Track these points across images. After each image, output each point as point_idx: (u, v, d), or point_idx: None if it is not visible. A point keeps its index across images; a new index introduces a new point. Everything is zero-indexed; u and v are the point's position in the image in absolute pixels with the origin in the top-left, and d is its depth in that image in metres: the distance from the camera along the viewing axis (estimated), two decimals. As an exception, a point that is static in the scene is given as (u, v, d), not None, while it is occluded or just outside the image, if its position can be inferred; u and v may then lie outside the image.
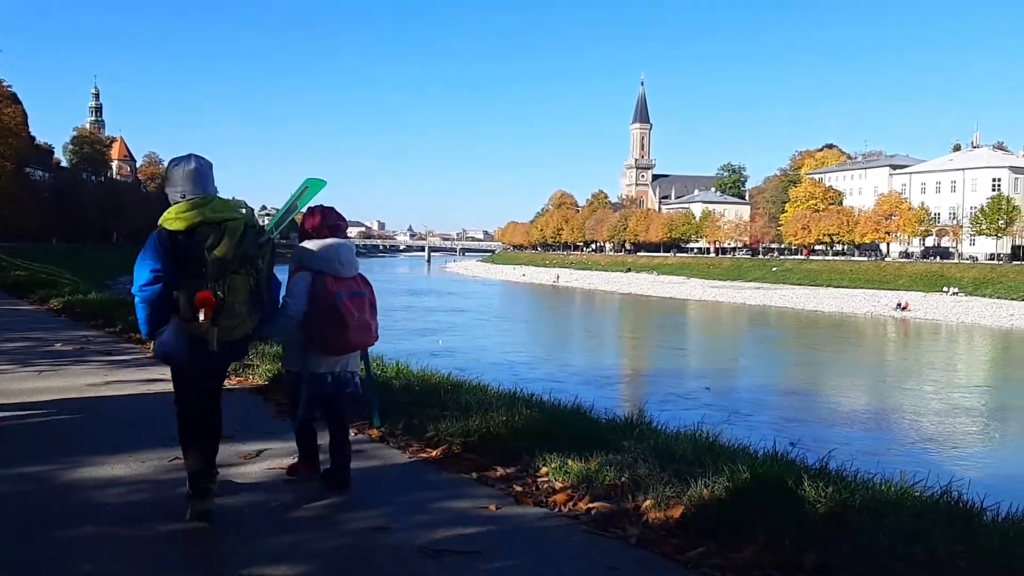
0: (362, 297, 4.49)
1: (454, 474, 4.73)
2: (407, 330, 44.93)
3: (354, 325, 4.35)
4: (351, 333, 4.35)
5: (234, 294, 3.84)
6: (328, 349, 4.40)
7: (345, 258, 4.51)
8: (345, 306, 4.33)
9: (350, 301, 4.38)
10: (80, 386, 7.45)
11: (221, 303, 3.79)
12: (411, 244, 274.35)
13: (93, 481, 4.52)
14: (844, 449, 15.43)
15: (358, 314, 4.40)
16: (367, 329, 4.47)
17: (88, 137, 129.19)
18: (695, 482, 4.00)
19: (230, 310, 3.84)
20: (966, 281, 72.70)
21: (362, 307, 4.46)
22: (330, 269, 4.41)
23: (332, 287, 4.35)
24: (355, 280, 4.53)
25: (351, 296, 4.41)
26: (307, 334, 4.37)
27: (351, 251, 4.61)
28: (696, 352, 42.13)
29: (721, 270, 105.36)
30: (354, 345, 4.48)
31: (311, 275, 4.38)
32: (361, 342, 4.51)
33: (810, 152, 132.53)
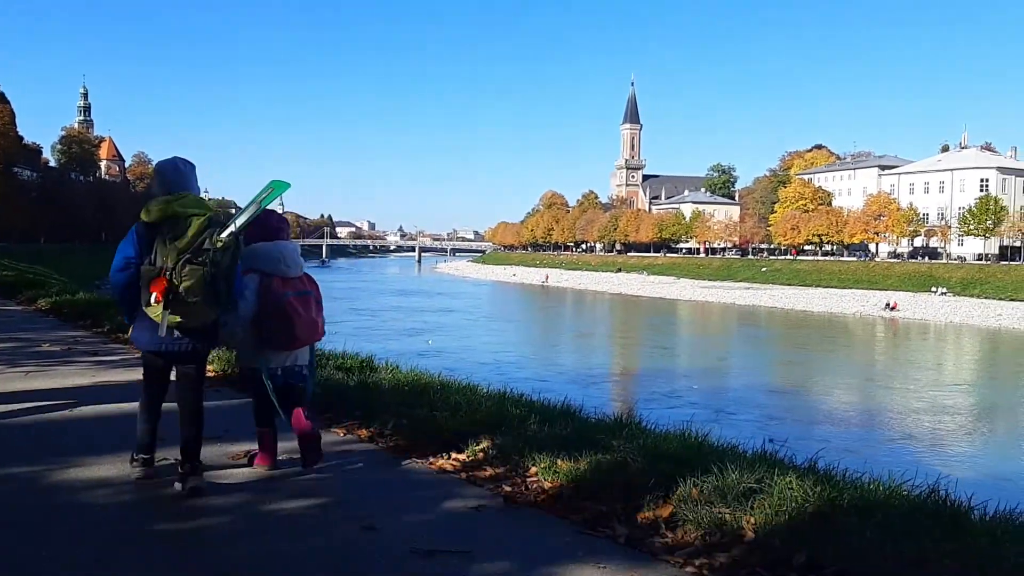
0: (308, 296, 4.81)
1: (443, 474, 4.72)
2: (396, 330, 44.94)
3: (301, 323, 4.68)
4: (298, 330, 4.68)
5: (188, 283, 4.11)
6: (278, 345, 4.73)
7: (291, 259, 4.80)
8: (292, 305, 4.65)
9: (297, 300, 4.69)
10: (68, 387, 7.40)
11: (174, 290, 4.10)
12: (402, 244, 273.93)
13: (81, 482, 4.48)
14: (833, 448, 15.51)
15: (304, 312, 4.71)
16: (314, 326, 4.80)
17: (77, 137, 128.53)
18: (684, 481, 4.00)
19: (182, 299, 4.13)
20: (954, 281, 73.08)
21: (308, 305, 4.77)
22: (276, 271, 4.72)
23: (280, 288, 4.66)
24: (301, 280, 4.83)
25: (298, 295, 4.72)
26: (258, 332, 4.67)
27: (296, 252, 4.90)
28: (685, 352, 42.23)
29: (711, 270, 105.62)
30: (302, 341, 4.80)
31: (259, 276, 4.66)
32: (308, 338, 4.83)
33: (799, 153, 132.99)
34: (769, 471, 4.08)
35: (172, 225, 4.18)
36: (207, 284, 4.16)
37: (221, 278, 4.22)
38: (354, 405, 6.07)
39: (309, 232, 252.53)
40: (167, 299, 4.10)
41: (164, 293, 4.09)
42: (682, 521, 3.67)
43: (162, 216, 4.21)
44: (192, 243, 4.15)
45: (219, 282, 4.21)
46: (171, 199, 4.27)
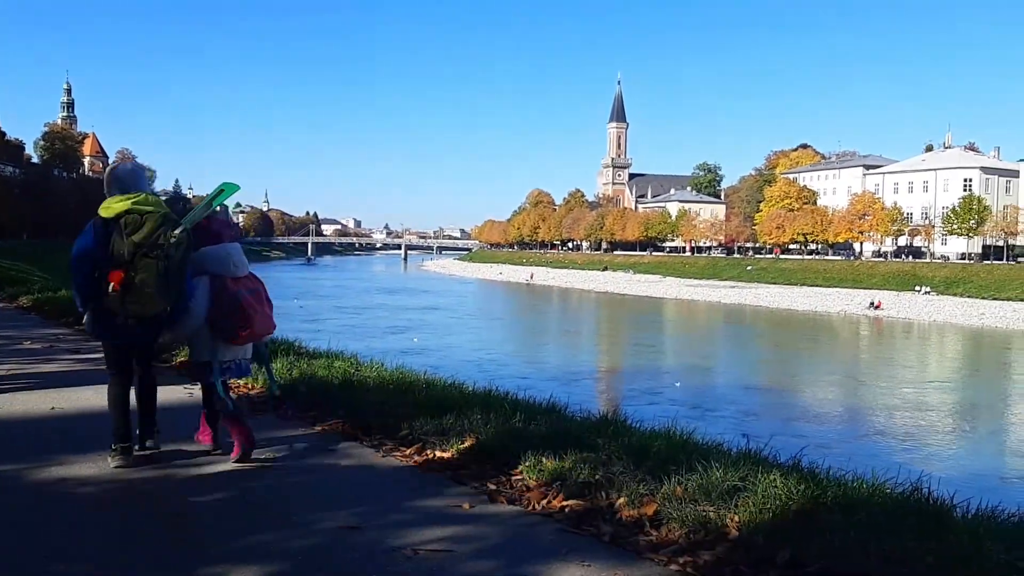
0: (259, 292, 5.14)
1: (427, 472, 4.71)
2: (381, 328, 44.86)
3: (257, 317, 5.00)
4: (256, 325, 5.00)
5: (144, 275, 4.54)
6: (236, 340, 5.01)
7: (237, 260, 5.08)
8: (248, 302, 4.96)
9: (251, 297, 5.01)
10: (49, 384, 7.34)
11: (130, 280, 4.52)
12: (388, 242, 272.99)
13: (63, 480, 4.46)
14: (816, 445, 15.59)
15: (259, 307, 5.05)
16: (268, 320, 5.14)
17: (60, 133, 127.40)
18: (668, 479, 4.01)
19: (139, 289, 4.55)
20: (938, 280, 73.58)
21: (260, 301, 5.09)
22: (226, 271, 4.99)
23: (233, 287, 4.95)
24: (249, 278, 5.13)
25: (250, 293, 5.03)
26: (215, 329, 4.92)
27: (240, 253, 5.17)
28: (671, 350, 42.32)
29: (697, 269, 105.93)
30: (258, 335, 5.12)
31: (209, 278, 4.93)
32: (264, 331, 5.16)
33: (785, 152, 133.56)
34: (753, 469, 4.08)
35: (130, 221, 4.58)
36: (160, 276, 4.58)
37: (173, 271, 4.64)
38: (338, 403, 6.05)
39: (294, 230, 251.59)
40: (123, 288, 4.50)
41: (121, 283, 4.49)
42: (667, 519, 3.67)
43: (121, 213, 4.58)
44: (148, 238, 4.55)
45: (171, 275, 4.63)
46: (130, 197, 4.66)
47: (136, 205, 4.63)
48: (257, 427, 5.72)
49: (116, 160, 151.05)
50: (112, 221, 4.60)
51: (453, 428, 5.22)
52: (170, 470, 4.70)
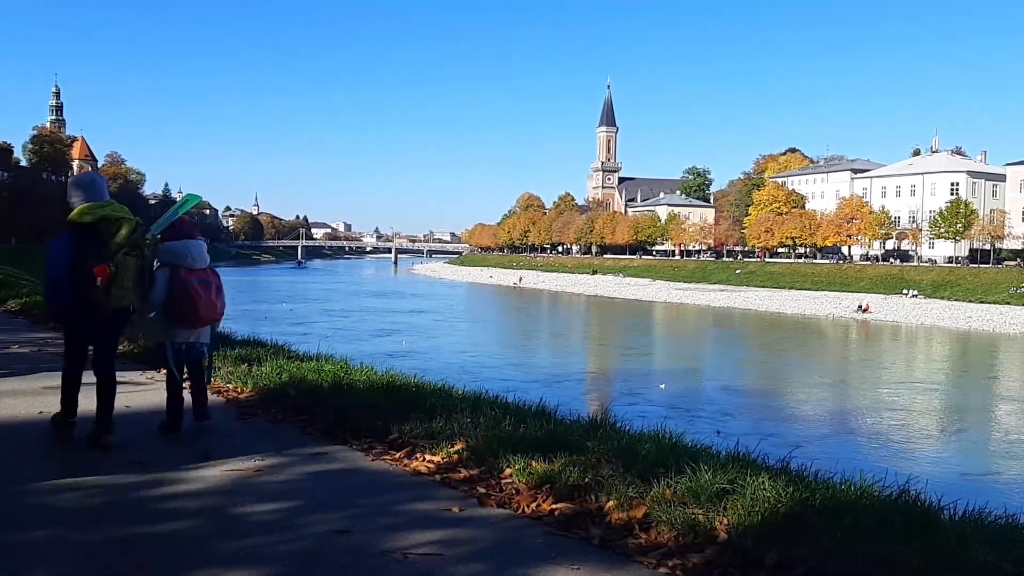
0: (210, 284, 5.78)
1: (417, 476, 4.70)
2: (371, 331, 44.80)
3: (202, 304, 5.65)
4: (200, 310, 5.65)
5: (124, 271, 5.18)
6: (184, 324, 5.67)
7: (195, 254, 5.75)
8: (195, 290, 5.61)
9: (200, 286, 5.66)
10: (36, 388, 7.29)
11: (114, 275, 5.11)
12: (378, 246, 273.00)
13: (48, 486, 4.42)
14: (804, 448, 15.64)
15: (206, 296, 5.68)
16: (213, 308, 5.78)
17: (48, 136, 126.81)
18: (657, 482, 4.02)
19: (120, 283, 5.16)
20: (925, 284, 73.92)
21: (209, 291, 5.73)
22: (184, 262, 5.68)
23: (185, 276, 5.62)
24: (205, 271, 5.81)
25: (200, 283, 5.68)
26: (168, 313, 5.61)
27: (201, 248, 5.86)
28: (660, 353, 42.40)
29: (686, 272, 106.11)
30: (204, 320, 5.77)
31: (168, 269, 5.62)
32: (209, 317, 5.81)
33: (773, 156, 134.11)
34: (742, 472, 4.10)
35: (107, 226, 5.18)
36: (137, 272, 5.28)
37: (146, 268, 5.40)
38: (328, 407, 6.04)
39: (284, 233, 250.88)
40: (108, 282, 5.09)
41: (107, 278, 5.07)
42: (656, 522, 3.68)
43: (98, 219, 5.18)
44: (127, 240, 5.21)
45: (144, 271, 5.37)
46: (103, 205, 5.27)
47: (112, 212, 5.25)
48: (247, 431, 5.73)
49: (105, 162, 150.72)
50: (90, 226, 5.16)
51: (443, 431, 5.23)
52: (157, 474, 4.67)
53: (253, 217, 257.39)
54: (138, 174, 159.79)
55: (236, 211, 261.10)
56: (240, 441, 5.41)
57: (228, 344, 9.18)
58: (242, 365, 7.69)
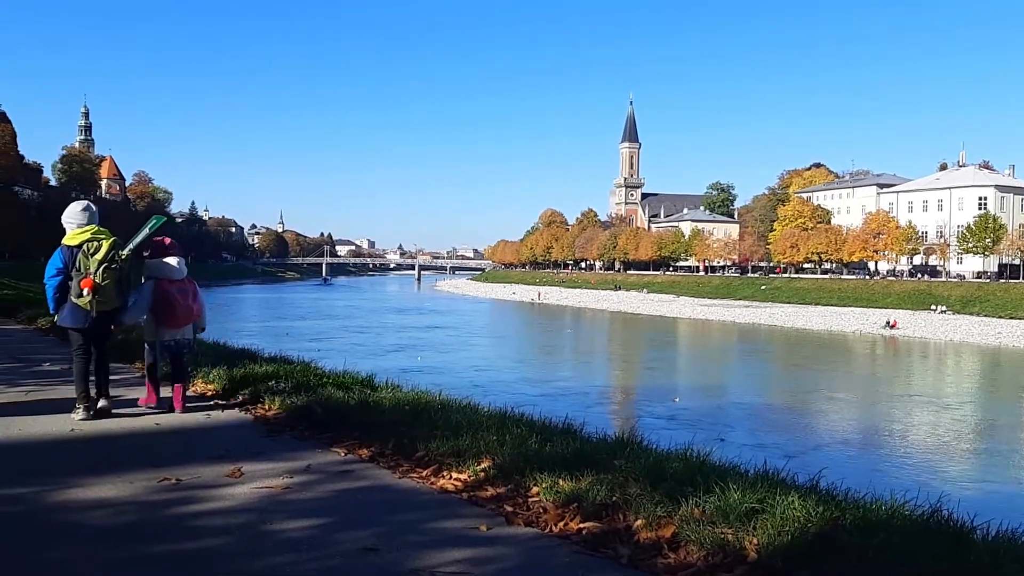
0: (187, 291, 7.36)
1: (444, 494, 4.71)
2: (392, 346, 44.95)
3: (180, 308, 7.25)
4: (178, 312, 7.25)
5: (107, 281, 6.73)
6: (167, 325, 7.26)
7: (171, 269, 7.34)
8: (174, 297, 7.23)
9: (178, 294, 7.26)
10: (68, 406, 7.40)
11: (98, 286, 6.67)
12: (401, 262, 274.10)
13: (80, 502, 4.48)
14: (834, 465, 15.46)
15: (183, 301, 7.27)
16: (190, 311, 7.36)
17: (77, 156, 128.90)
18: (686, 501, 3.99)
19: (104, 291, 6.72)
20: (954, 299, 73.10)
21: (186, 297, 7.32)
22: (165, 276, 7.31)
23: (167, 287, 7.25)
24: (183, 282, 7.40)
25: (179, 291, 7.29)
26: (155, 316, 7.24)
27: (180, 263, 7.44)
28: (686, 370, 42.21)
29: (711, 288, 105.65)
30: (181, 321, 7.31)
31: (153, 282, 7.24)
32: (186, 319, 7.36)
33: (798, 171, 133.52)
34: (771, 491, 4.06)
35: (91, 246, 6.76)
36: (116, 282, 6.83)
37: (124, 278, 6.93)
38: (355, 424, 6.06)
39: (309, 250, 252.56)
40: (94, 291, 6.64)
41: (92, 288, 6.63)
42: (684, 541, 3.66)
43: (84, 240, 6.78)
44: (107, 256, 6.76)
45: (124, 281, 6.92)
46: (86, 230, 6.87)
47: (94, 235, 6.84)
48: (275, 448, 5.77)
49: (133, 181, 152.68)
50: (77, 247, 6.75)
51: (469, 449, 5.22)
52: (188, 491, 4.72)
53: (278, 234, 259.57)
54: (165, 192, 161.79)
55: (262, 229, 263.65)
56: (268, 458, 5.44)
57: (255, 361, 9.24)
58: (270, 382, 7.74)
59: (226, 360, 9.17)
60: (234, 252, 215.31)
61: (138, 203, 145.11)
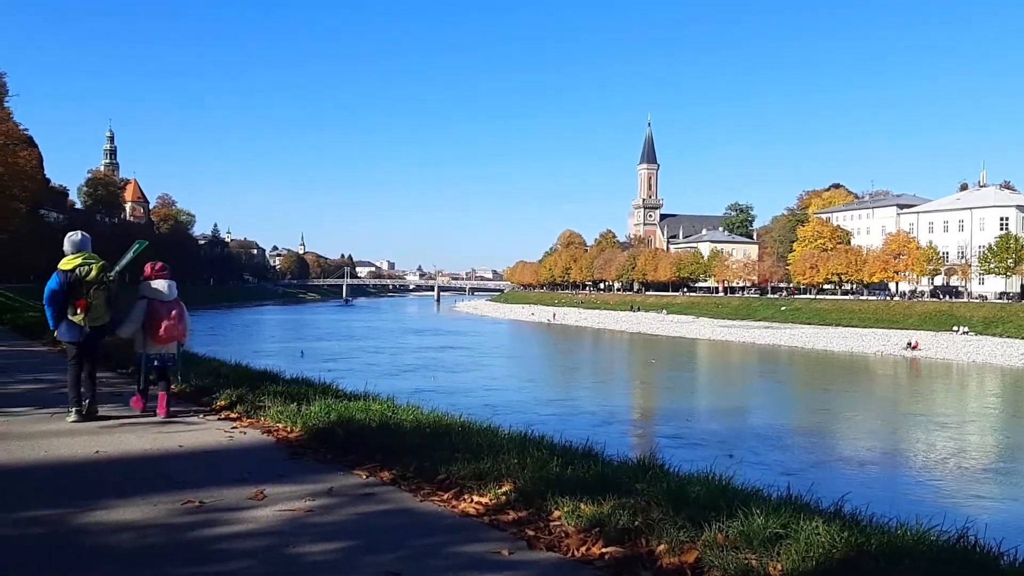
0: (173, 312, 8.33)
1: (466, 517, 4.71)
2: (409, 366, 44.99)
3: (167, 326, 8.25)
4: (164, 330, 8.25)
5: (97, 300, 7.96)
6: (154, 340, 8.27)
7: (163, 292, 8.37)
8: (163, 316, 8.26)
9: (166, 314, 8.28)
10: (92, 428, 7.48)
11: (90, 304, 7.91)
12: (420, 283, 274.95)
13: (105, 525, 4.51)
14: (858, 489, 15.30)
15: (168, 320, 8.27)
16: (174, 328, 8.32)
17: (102, 179, 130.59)
18: (709, 526, 3.98)
19: (95, 309, 7.95)
20: (976, 320, 72.36)
21: (171, 316, 8.30)
22: (155, 297, 8.36)
23: (158, 307, 8.30)
24: (173, 302, 8.40)
25: (167, 311, 8.30)
26: (145, 332, 8.27)
27: (170, 286, 8.45)
28: (706, 392, 41.95)
29: (730, 309, 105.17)
30: (165, 338, 8.29)
31: (145, 302, 8.32)
32: (170, 336, 8.32)
33: (817, 192, 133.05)
34: (795, 515, 4.04)
35: (82, 269, 7.93)
36: (105, 300, 8.04)
37: (112, 297, 8.10)
38: (376, 447, 6.08)
39: (329, 272, 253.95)
40: (86, 310, 7.88)
41: (85, 307, 7.87)
42: (708, 567, 3.64)
43: (77, 265, 7.93)
44: (97, 278, 7.96)
45: (111, 299, 8.10)
46: (78, 255, 8.02)
47: (85, 260, 7.99)
48: (297, 471, 5.79)
49: (156, 204, 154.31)
50: (71, 271, 7.90)
51: (490, 472, 5.22)
52: (212, 514, 4.74)
53: (299, 256, 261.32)
54: (188, 215, 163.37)
55: (283, 250, 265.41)
56: (291, 481, 5.46)
57: (277, 383, 9.30)
58: (291, 404, 7.78)
59: (248, 382, 9.24)
60: (256, 274, 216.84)
61: (162, 225, 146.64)
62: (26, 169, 58.30)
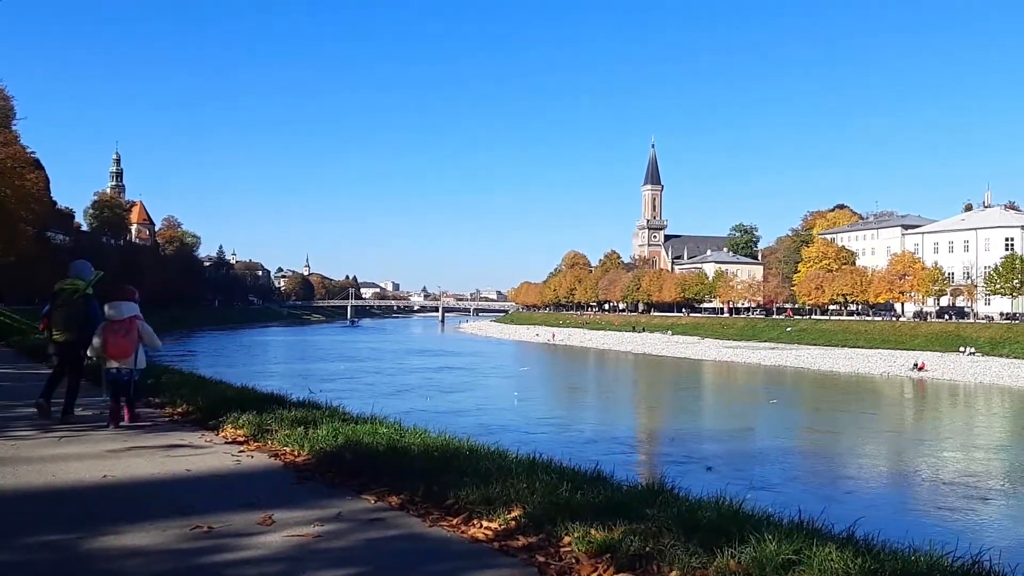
0: (120, 331, 9.14)
1: (475, 543, 4.68)
2: (410, 387, 44.92)
3: (110, 344, 9.09)
4: (110, 347, 9.10)
5: (57, 319, 9.45)
6: (107, 355, 9.15)
7: (115, 311, 9.25)
8: (110, 335, 9.12)
9: (111, 334, 9.13)
10: (100, 452, 7.46)
11: (51, 323, 9.48)
12: (425, 304, 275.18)
13: (114, 550, 4.49)
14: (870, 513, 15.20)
15: (114, 339, 9.11)
16: (119, 346, 9.10)
17: (109, 201, 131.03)
18: (721, 552, 3.95)
19: (55, 326, 9.47)
20: (982, 341, 72.15)
21: (117, 334, 9.12)
22: (108, 317, 9.26)
23: (110, 327, 9.15)
24: (124, 321, 9.21)
25: (114, 331, 9.15)
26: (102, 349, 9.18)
27: (120, 308, 9.29)
28: (712, 414, 41.80)
29: (735, 330, 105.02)
30: (116, 353, 9.11)
31: (104, 321, 9.23)
32: (117, 352, 9.12)
33: (821, 212, 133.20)
34: (807, 541, 4.01)
35: (60, 293, 9.49)
36: (64, 319, 9.40)
37: (77, 316, 9.41)
38: (384, 471, 6.05)
39: (334, 293, 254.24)
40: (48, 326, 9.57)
41: (46, 326, 9.60)
42: (720, 593, 3.62)
43: (57, 290, 9.56)
44: (63, 300, 9.44)
45: (77, 318, 9.40)
46: (62, 281, 9.64)
47: (64, 285, 9.54)
48: (305, 495, 5.77)
49: (162, 226, 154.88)
50: (55, 294, 9.54)
51: (499, 497, 5.19)
52: (220, 539, 4.72)
53: (304, 278, 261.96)
54: (193, 237, 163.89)
55: (288, 272, 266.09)
56: (299, 505, 5.44)
57: (284, 406, 9.29)
58: (298, 428, 7.77)
59: (255, 405, 9.23)
60: (261, 295, 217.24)
61: (167, 247, 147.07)
62: (33, 192, 58.48)
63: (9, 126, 55.66)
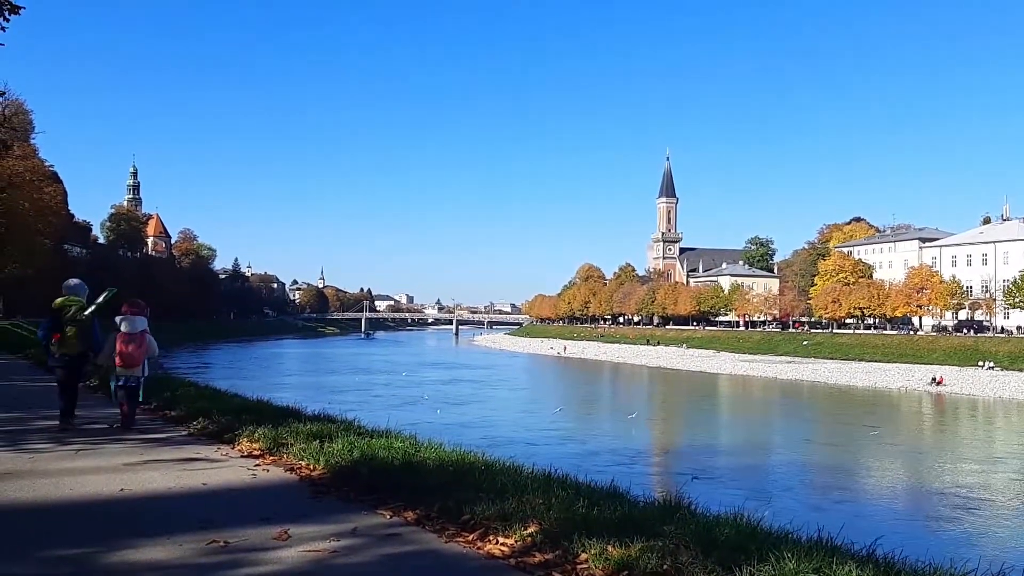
0: (131, 342, 9.97)
1: (492, 559, 4.65)
2: (446, 400, 44.93)
3: (124, 354, 9.91)
4: (121, 358, 9.92)
5: (70, 334, 10.11)
6: (117, 365, 9.94)
7: (129, 324, 10.06)
8: (122, 347, 9.92)
9: (124, 345, 9.95)
10: (117, 465, 7.48)
11: (63, 337, 10.10)
12: (439, 317, 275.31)
13: (131, 564, 4.49)
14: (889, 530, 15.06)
15: (126, 349, 9.92)
16: (131, 356, 9.94)
17: (125, 214, 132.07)
18: (739, 570, 3.91)
19: (67, 341, 10.12)
20: (1001, 355, 71.50)
21: (128, 348, 9.93)
22: (121, 331, 10.01)
23: (120, 338, 9.99)
24: (136, 335, 10.05)
25: (126, 342, 9.96)
26: (113, 359, 9.99)
27: (133, 323, 10.08)
28: (729, 428, 41.60)
29: (751, 344, 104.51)
30: (127, 363, 9.93)
31: (115, 334, 10.07)
32: (128, 363, 9.94)
33: (838, 225, 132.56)
34: (827, 559, 3.97)
35: (63, 309, 10.15)
36: (78, 334, 10.13)
37: (86, 331, 10.22)
38: (399, 486, 6.03)
39: (349, 306, 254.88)
40: (60, 342, 10.09)
41: (59, 339, 10.08)
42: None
43: (60, 306, 10.17)
44: (72, 317, 10.12)
45: (84, 332, 10.20)
46: (64, 299, 10.23)
47: (67, 302, 10.21)
48: (320, 510, 5.77)
49: (178, 238, 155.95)
50: (58, 310, 10.15)
51: (515, 513, 5.16)
52: (235, 554, 4.72)
53: (319, 290, 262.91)
54: (209, 250, 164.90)
55: (303, 284, 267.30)
56: (314, 520, 5.43)
57: (299, 419, 9.31)
58: (314, 442, 7.77)
59: (270, 419, 9.25)
60: (276, 308, 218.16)
61: (183, 260, 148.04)
62: (51, 205, 58.96)
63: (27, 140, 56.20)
